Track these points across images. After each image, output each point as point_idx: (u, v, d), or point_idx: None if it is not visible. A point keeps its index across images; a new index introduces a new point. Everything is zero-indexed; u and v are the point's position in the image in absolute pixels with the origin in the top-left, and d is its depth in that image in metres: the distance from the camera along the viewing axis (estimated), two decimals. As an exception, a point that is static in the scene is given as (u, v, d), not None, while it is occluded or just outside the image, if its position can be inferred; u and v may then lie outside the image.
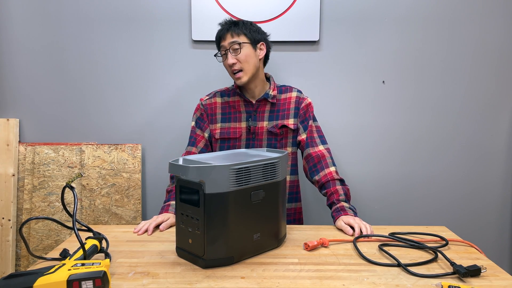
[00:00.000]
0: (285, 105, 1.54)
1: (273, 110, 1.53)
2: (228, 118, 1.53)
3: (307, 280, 0.92)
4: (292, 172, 1.56)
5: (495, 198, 1.95)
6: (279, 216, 1.11)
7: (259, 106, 1.52)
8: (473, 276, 0.93)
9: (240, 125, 1.52)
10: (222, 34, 1.46)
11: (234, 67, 1.44)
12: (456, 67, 1.88)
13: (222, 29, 1.47)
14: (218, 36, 1.49)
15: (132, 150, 1.87)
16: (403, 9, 1.85)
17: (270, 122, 1.52)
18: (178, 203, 1.02)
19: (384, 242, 1.15)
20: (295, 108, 1.53)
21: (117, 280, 0.91)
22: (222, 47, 1.46)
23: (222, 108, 1.55)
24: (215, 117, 1.54)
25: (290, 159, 1.55)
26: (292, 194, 1.57)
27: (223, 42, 1.45)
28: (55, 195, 1.85)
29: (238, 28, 1.45)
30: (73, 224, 0.93)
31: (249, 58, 1.45)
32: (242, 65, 1.44)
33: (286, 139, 1.53)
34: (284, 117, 1.53)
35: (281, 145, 1.53)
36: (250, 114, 1.53)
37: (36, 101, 1.90)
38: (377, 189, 1.93)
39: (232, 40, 1.43)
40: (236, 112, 1.54)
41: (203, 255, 0.97)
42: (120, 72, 1.88)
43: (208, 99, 1.57)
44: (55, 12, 1.85)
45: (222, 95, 1.56)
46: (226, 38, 1.44)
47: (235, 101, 1.54)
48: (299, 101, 1.54)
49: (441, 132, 1.91)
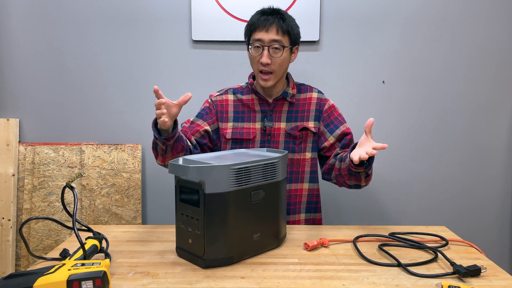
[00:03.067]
0: (305, 106, 1.42)
1: (291, 111, 1.41)
2: (242, 118, 1.42)
3: (307, 280, 0.92)
4: (311, 179, 1.44)
5: (495, 198, 1.95)
6: (279, 216, 1.11)
7: (276, 106, 1.41)
8: (473, 276, 0.93)
9: (254, 126, 1.41)
10: (265, 25, 1.28)
11: (266, 67, 1.31)
12: (456, 67, 1.88)
13: (266, 18, 1.29)
14: (257, 23, 1.30)
15: (132, 150, 1.87)
16: (403, 9, 1.85)
17: (288, 123, 1.40)
18: (178, 203, 1.02)
19: (384, 242, 1.15)
20: (316, 110, 1.41)
21: (117, 280, 0.91)
22: (259, 40, 1.30)
23: (235, 106, 1.43)
24: (226, 115, 1.42)
25: (309, 165, 1.42)
26: (311, 203, 1.46)
27: (264, 34, 1.29)
28: (55, 195, 1.85)
29: (285, 25, 1.30)
30: (73, 224, 0.93)
31: (284, 63, 1.33)
32: (275, 68, 1.31)
33: (305, 143, 1.41)
34: (304, 118, 1.41)
35: (300, 150, 1.40)
36: (266, 114, 1.41)
37: (36, 101, 1.90)
38: (377, 189, 1.93)
39: (276, 38, 1.29)
40: (250, 111, 1.42)
41: (203, 255, 0.97)
42: (120, 72, 1.88)
43: (219, 95, 1.46)
44: (55, 12, 1.85)
45: (234, 92, 1.45)
46: (269, 32, 1.28)
47: (249, 100, 1.42)
48: (321, 103, 1.42)
49: (441, 132, 1.91)
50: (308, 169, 1.43)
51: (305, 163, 1.42)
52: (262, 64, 1.30)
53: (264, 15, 1.31)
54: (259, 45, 1.30)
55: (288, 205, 1.41)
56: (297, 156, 1.41)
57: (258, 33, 1.30)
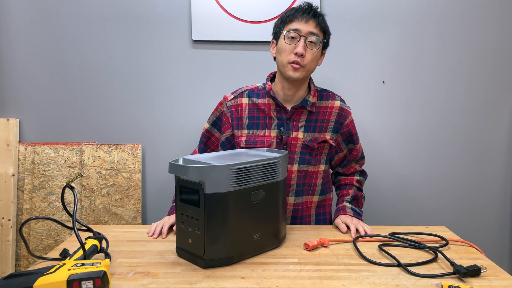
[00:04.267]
0: (325, 115, 1.33)
1: (310, 120, 1.32)
2: (256, 124, 1.32)
3: (307, 280, 0.92)
4: (322, 192, 1.38)
5: (495, 198, 1.95)
6: (279, 216, 1.11)
7: (294, 114, 1.31)
8: (473, 276, 0.93)
9: (270, 133, 1.31)
10: (304, 16, 1.23)
11: (299, 59, 1.22)
12: (456, 67, 1.88)
13: (305, 11, 1.24)
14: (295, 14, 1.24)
15: (132, 150, 1.87)
16: (403, 9, 1.85)
17: (306, 134, 1.31)
18: (178, 203, 1.02)
19: (384, 242, 1.15)
20: (335, 122, 1.34)
21: (117, 280, 0.91)
22: (296, 30, 1.22)
23: (250, 111, 1.33)
24: (241, 122, 1.33)
25: (322, 177, 1.36)
26: (319, 215, 1.41)
27: (303, 25, 1.22)
28: (55, 195, 1.85)
29: (324, 22, 1.26)
30: (73, 224, 0.93)
31: (315, 60, 1.26)
32: (307, 62, 1.23)
33: (321, 155, 1.34)
34: (323, 129, 1.33)
35: (316, 162, 1.33)
36: (283, 122, 1.31)
37: (36, 101, 1.90)
38: (377, 189, 1.93)
39: (315, 31, 1.22)
40: (265, 117, 1.32)
41: (203, 255, 0.97)
42: (120, 72, 1.88)
43: (234, 99, 1.36)
44: (55, 12, 1.85)
45: (250, 95, 1.34)
46: (309, 23, 1.22)
47: (265, 104, 1.32)
48: (343, 114, 1.34)
49: (441, 132, 1.91)
50: (320, 181, 1.37)
51: (317, 175, 1.36)
52: (297, 55, 1.21)
53: (303, 8, 1.25)
54: (295, 35, 1.22)
55: (295, 218, 1.36)
56: (311, 168, 1.34)
57: (295, 23, 1.23)
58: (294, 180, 1.33)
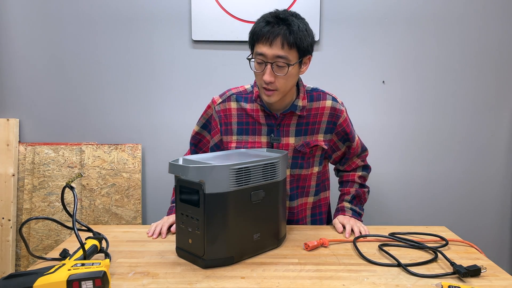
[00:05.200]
0: (316, 117, 1.27)
1: (300, 123, 1.26)
2: (246, 130, 1.28)
3: (307, 280, 0.92)
4: (316, 192, 1.35)
5: (495, 198, 1.95)
6: (279, 216, 1.11)
7: (283, 119, 1.26)
8: (473, 276, 0.93)
9: (260, 139, 1.27)
10: (269, 37, 1.10)
11: (269, 86, 1.15)
12: (456, 67, 1.88)
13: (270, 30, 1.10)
14: (260, 34, 1.12)
15: (132, 150, 1.87)
16: (403, 9, 1.85)
17: (297, 138, 1.26)
18: (178, 203, 1.02)
19: (384, 242, 1.15)
20: (328, 122, 1.27)
21: (117, 280, 0.91)
22: (262, 55, 1.12)
23: (238, 116, 1.29)
24: (230, 128, 1.29)
25: (315, 179, 1.33)
26: (315, 216, 1.39)
27: (267, 49, 1.11)
28: (55, 195, 1.85)
29: (292, 37, 1.10)
30: (73, 224, 0.93)
31: (291, 79, 1.16)
32: (280, 85, 1.15)
33: (313, 157, 1.30)
34: (314, 131, 1.27)
35: (308, 165, 1.30)
36: (272, 128, 1.27)
37: (36, 101, 1.90)
38: (377, 189, 1.93)
39: (280, 54, 1.11)
40: (255, 123, 1.28)
41: (203, 255, 0.97)
42: (120, 72, 1.88)
43: (222, 103, 1.31)
44: (55, 12, 1.85)
45: (238, 99, 1.29)
46: (273, 46, 1.10)
47: (253, 110, 1.27)
48: (335, 114, 1.27)
49: (441, 132, 1.91)
50: (314, 183, 1.34)
51: (311, 177, 1.33)
52: (265, 82, 1.14)
53: (269, 25, 1.11)
54: (261, 61, 1.13)
55: (291, 222, 1.34)
56: (304, 172, 1.31)
57: (261, 46, 1.12)
58: (287, 184, 1.31)
